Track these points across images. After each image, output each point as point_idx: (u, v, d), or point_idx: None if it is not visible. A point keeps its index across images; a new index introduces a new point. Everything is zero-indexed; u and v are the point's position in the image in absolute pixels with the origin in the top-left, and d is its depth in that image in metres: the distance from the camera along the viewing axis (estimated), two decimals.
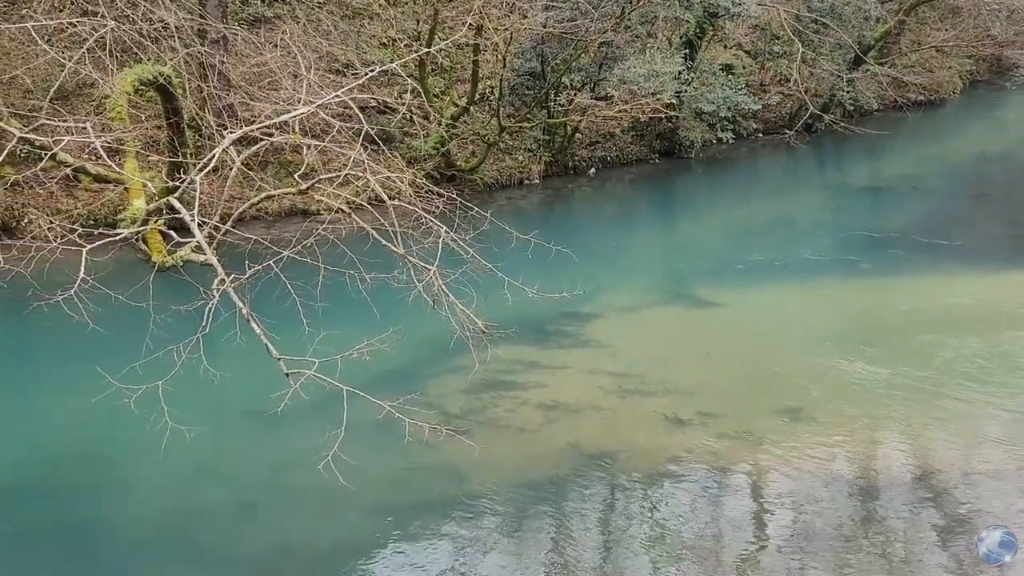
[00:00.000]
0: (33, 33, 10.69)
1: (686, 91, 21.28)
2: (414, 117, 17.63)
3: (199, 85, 16.07)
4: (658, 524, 8.42)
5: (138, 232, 9.18)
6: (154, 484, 8.93)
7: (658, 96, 19.90)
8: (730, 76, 23.76)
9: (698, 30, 21.98)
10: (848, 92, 24.25)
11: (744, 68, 25.38)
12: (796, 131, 23.77)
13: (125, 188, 13.73)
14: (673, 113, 21.25)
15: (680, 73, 20.65)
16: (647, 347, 12.18)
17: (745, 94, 23.04)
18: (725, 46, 25.54)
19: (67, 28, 13.36)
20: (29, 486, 8.91)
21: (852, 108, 25.02)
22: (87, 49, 11.80)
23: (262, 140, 10.78)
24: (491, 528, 8.37)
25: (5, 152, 8.99)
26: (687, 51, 21.81)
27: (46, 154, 10.91)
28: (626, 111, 20.45)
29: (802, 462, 9.27)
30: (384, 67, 10.63)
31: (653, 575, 7.70)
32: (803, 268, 15.50)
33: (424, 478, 9.00)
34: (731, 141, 23.13)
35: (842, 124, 23.73)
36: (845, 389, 10.82)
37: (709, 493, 8.87)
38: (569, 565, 7.85)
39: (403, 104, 17.47)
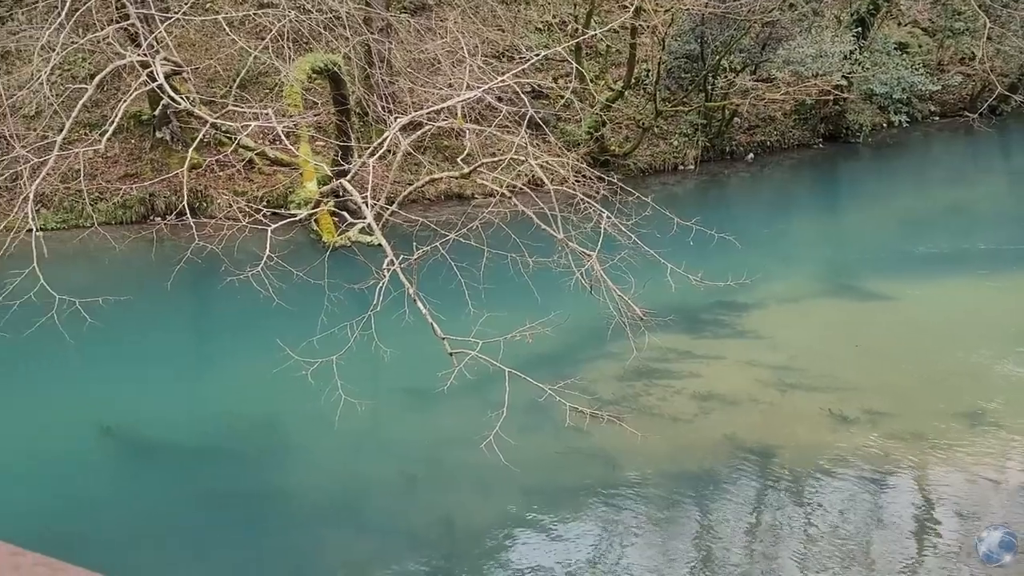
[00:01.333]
0: (224, 25, 11.50)
1: (857, 71, 20.21)
2: (571, 101, 17.66)
3: (366, 72, 16.73)
4: (815, 525, 8.11)
5: (314, 213, 9.70)
6: (327, 453, 9.44)
7: (826, 77, 19.00)
8: (905, 55, 22.36)
9: (871, 6, 20.83)
10: None
11: (920, 46, 23.82)
12: (979, 114, 22.09)
13: (299, 171, 14.54)
14: (842, 95, 20.23)
15: (851, 53, 19.63)
16: (809, 340, 11.72)
17: (922, 74, 21.63)
18: (899, 23, 24.04)
19: (251, 20, 14.25)
20: (215, 449, 9.61)
21: None
22: (269, 39, 12.58)
23: (427, 125, 11.11)
24: (642, 517, 8.33)
25: (199, 138, 9.75)
26: (858, 29, 20.70)
27: (231, 138, 11.69)
28: (790, 94, 19.64)
29: (976, 469, 8.69)
30: (548, 51, 10.68)
31: None
32: (982, 260, 14.47)
33: (577, 462, 9.06)
34: (905, 124, 21.80)
35: None
36: None
37: (873, 496, 8.47)
38: (715, 560, 7.70)
39: (566, 88, 17.51)
